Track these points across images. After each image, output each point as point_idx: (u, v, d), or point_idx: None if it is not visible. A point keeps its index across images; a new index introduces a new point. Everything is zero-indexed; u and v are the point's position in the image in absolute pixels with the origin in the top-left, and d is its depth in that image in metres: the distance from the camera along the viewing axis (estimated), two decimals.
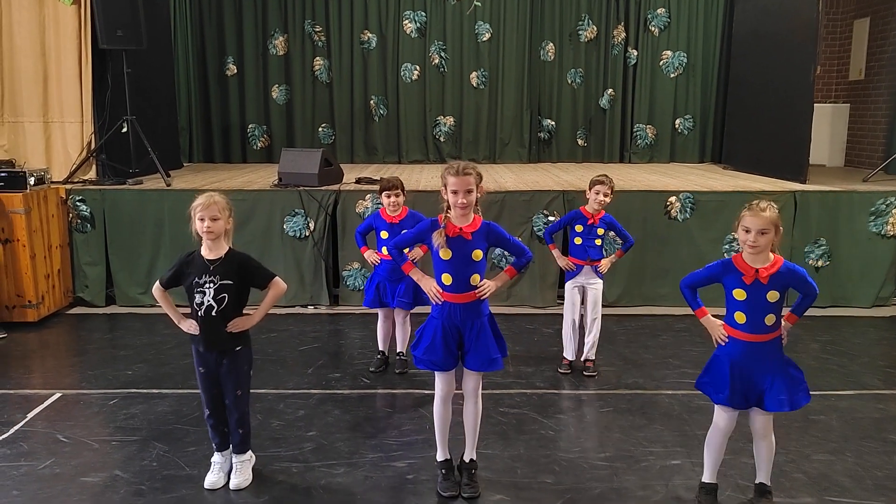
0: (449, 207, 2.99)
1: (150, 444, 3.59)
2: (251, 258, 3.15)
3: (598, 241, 4.41)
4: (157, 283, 3.14)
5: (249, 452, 3.27)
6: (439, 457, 3.22)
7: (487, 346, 3.03)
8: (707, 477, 3.08)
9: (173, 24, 8.24)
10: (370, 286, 4.49)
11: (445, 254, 2.96)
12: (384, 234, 4.35)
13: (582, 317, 4.57)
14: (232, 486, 3.16)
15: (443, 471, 3.20)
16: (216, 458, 3.24)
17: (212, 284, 3.01)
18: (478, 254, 2.99)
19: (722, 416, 2.97)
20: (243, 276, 3.08)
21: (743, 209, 2.85)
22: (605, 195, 4.30)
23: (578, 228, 4.38)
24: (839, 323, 5.70)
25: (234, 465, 3.22)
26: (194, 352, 3.13)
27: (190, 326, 3.07)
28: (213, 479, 3.19)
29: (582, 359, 4.58)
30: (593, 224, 4.36)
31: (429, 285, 3.06)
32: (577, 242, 4.41)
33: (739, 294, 2.81)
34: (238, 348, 3.11)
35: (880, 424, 3.85)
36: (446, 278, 2.99)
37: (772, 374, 2.84)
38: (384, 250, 4.34)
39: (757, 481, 3.07)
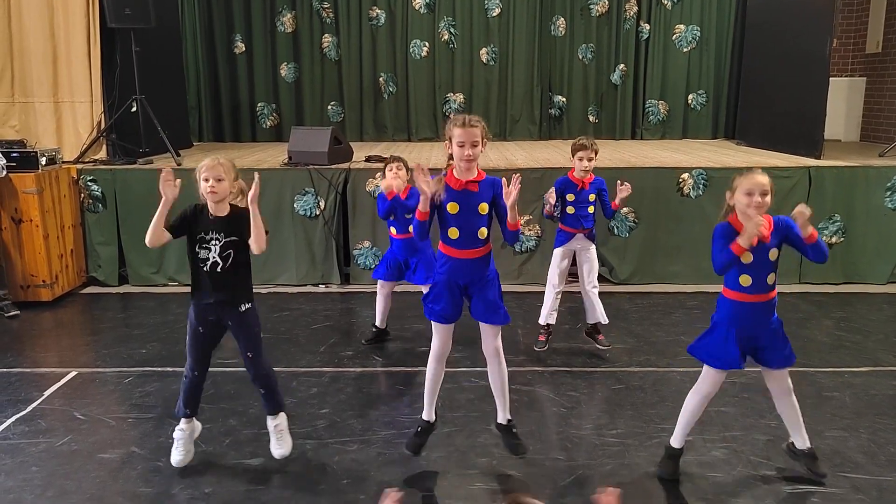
0: (452, 159, 2.97)
1: (165, 421, 3.62)
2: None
3: (591, 209, 4.27)
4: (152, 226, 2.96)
5: (283, 415, 3.21)
6: (424, 415, 3.21)
7: (493, 296, 3.02)
8: (677, 441, 3.11)
9: (181, 1, 8.19)
10: (382, 261, 4.63)
11: (453, 207, 2.93)
12: (391, 216, 4.44)
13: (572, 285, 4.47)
14: (276, 454, 3.15)
15: (419, 428, 3.20)
16: (178, 433, 3.16)
17: (217, 241, 2.98)
18: (484, 207, 2.96)
19: (709, 380, 2.99)
20: (244, 229, 2.98)
21: (734, 178, 2.90)
22: (589, 159, 4.20)
23: (570, 197, 4.25)
24: (853, 299, 5.66)
25: (271, 434, 3.18)
26: (193, 311, 3.04)
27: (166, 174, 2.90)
28: (178, 457, 3.12)
29: (592, 323, 4.43)
30: (583, 189, 4.24)
31: (424, 191, 2.85)
32: (569, 212, 4.28)
33: (745, 257, 2.83)
34: (244, 308, 3.06)
35: (895, 401, 3.83)
36: (453, 232, 2.96)
37: (771, 332, 2.91)
38: (392, 230, 4.47)
39: (803, 448, 3.06)
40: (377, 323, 4.71)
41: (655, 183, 6.00)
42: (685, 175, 5.98)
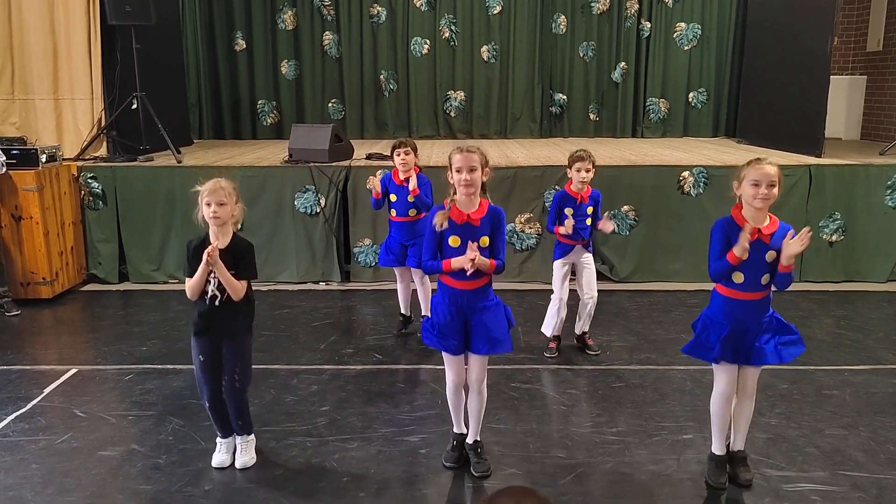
0: (455, 192, 2.95)
1: (165, 418, 3.63)
2: (250, 250, 3.05)
3: (589, 221, 4.25)
4: (187, 281, 3.00)
5: (253, 436, 3.27)
6: (455, 429, 3.24)
7: (493, 326, 2.98)
8: (716, 448, 3.10)
9: None
10: (383, 248, 4.66)
11: (454, 241, 2.94)
12: (393, 198, 4.53)
13: (573, 295, 4.44)
14: (238, 465, 3.17)
15: (454, 442, 3.23)
16: (220, 440, 3.24)
17: (216, 275, 2.95)
18: (485, 240, 2.95)
19: (722, 378, 2.97)
20: (245, 262, 3.01)
21: (743, 167, 2.84)
22: (588, 171, 4.16)
23: (568, 211, 4.19)
24: (853, 298, 5.66)
25: (238, 446, 3.22)
26: (193, 341, 3.06)
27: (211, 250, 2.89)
28: (220, 458, 3.19)
29: (578, 332, 4.48)
30: (582, 203, 4.20)
31: (462, 261, 2.88)
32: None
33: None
34: (241, 336, 3.08)
35: (895, 399, 3.83)
36: None
37: (765, 329, 2.88)
38: (392, 212, 4.55)
39: (735, 448, 3.07)
40: (402, 311, 4.84)
41: (656, 181, 6.00)
42: (686, 173, 5.98)
